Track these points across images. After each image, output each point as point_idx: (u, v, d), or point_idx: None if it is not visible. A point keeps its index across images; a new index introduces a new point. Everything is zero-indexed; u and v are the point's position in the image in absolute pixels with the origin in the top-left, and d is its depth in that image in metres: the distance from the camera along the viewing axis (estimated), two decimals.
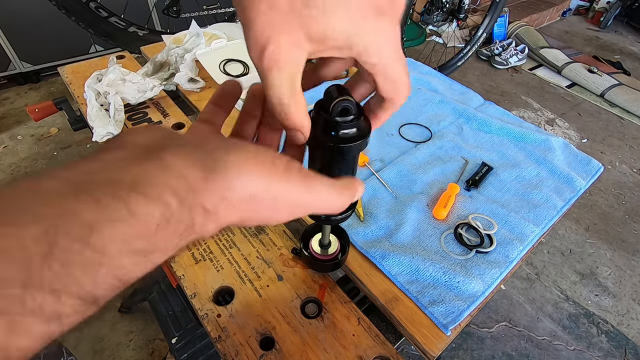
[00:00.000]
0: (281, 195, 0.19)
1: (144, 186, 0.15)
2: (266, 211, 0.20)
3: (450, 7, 1.86)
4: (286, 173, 0.19)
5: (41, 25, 1.80)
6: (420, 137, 0.75)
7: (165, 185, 0.16)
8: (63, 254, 0.13)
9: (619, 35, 3.07)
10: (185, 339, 0.86)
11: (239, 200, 0.18)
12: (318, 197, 0.21)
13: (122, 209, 0.14)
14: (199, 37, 0.83)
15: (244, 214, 0.19)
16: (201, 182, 0.17)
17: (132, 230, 0.15)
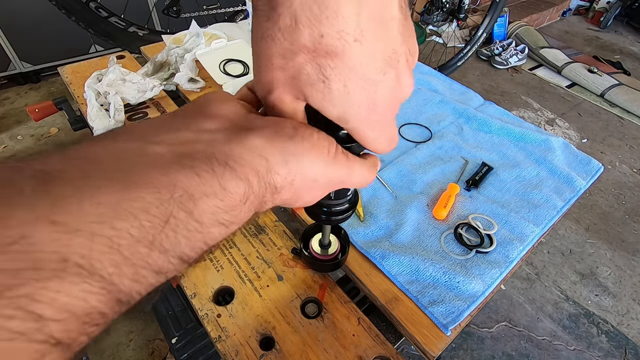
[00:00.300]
0: (333, 179, 0.22)
1: (234, 164, 0.17)
2: (316, 191, 0.22)
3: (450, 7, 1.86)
4: (336, 158, 0.22)
5: (41, 25, 1.80)
6: (420, 137, 0.75)
7: (250, 166, 0.18)
8: (175, 222, 0.15)
9: (619, 35, 3.07)
10: (185, 339, 0.86)
11: (303, 183, 0.20)
12: (357, 176, 0.24)
13: (216, 184, 0.16)
14: (199, 37, 0.84)
15: (298, 194, 0.21)
16: (279, 165, 0.19)
17: (220, 204, 0.17)
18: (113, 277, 0.13)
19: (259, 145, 0.18)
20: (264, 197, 0.19)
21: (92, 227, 0.13)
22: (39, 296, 0.12)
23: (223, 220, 0.17)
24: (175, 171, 0.16)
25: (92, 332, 0.13)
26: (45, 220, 0.12)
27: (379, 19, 0.18)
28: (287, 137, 0.20)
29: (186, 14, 1.55)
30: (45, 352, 0.12)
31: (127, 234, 0.14)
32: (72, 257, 0.12)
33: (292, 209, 0.60)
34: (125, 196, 0.14)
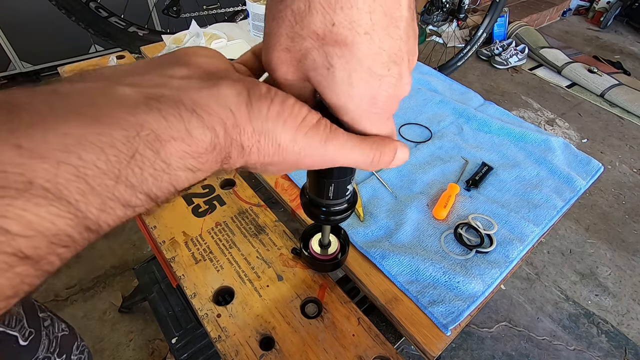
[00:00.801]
0: (305, 150, 0.21)
1: (201, 112, 0.17)
2: (290, 161, 0.22)
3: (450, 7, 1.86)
4: (313, 130, 0.21)
5: (41, 25, 1.80)
6: (420, 137, 0.75)
7: (218, 116, 0.18)
8: (141, 159, 0.16)
9: (619, 35, 3.07)
10: (185, 339, 0.86)
11: (269, 147, 0.20)
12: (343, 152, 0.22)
13: (183, 130, 0.17)
14: (199, 37, 0.84)
15: (269, 159, 0.21)
16: (245, 122, 0.19)
17: (187, 149, 0.17)
18: (80, 204, 0.14)
19: (227, 97, 0.19)
20: (229, 152, 0.19)
21: (58, 155, 0.13)
22: (5, 212, 0.12)
23: (190, 165, 0.18)
24: (143, 112, 0.16)
25: (62, 253, 0.14)
26: (9, 144, 0.13)
27: (390, 15, 0.19)
28: (258, 95, 0.20)
29: (186, 14, 1.55)
30: (14, 264, 0.13)
31: (94, 165, 0.14)
32: (37, 180, 0.13)
33: (292, 208, 0.60)
34: (93, 130, 0.14)
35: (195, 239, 0.54)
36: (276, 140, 0.20)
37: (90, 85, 0.17)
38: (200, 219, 0.57)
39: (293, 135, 0.20)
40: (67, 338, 0.52)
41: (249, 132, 0.19)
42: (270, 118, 0.20)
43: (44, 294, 1.21)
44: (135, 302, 1.14)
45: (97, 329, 1.14)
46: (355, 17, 0.18)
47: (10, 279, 0.13)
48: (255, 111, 0.19)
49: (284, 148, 0.21)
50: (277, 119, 0.20)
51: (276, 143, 0.20)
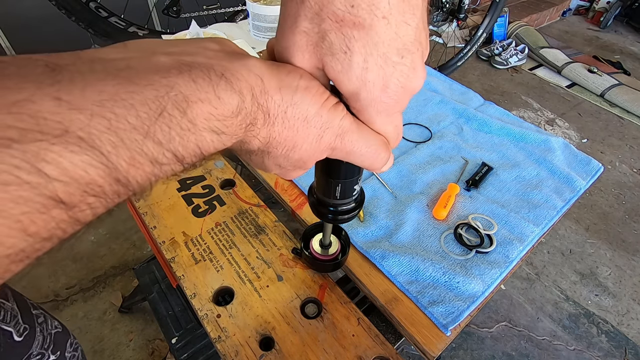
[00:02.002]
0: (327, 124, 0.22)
1: (230, 77, 0.19)
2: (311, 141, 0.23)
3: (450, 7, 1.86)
4: (335, 107, 0.22)
5: (41, 25, 1.80)
6: (420, 137, 0.75)
7: (246, 81, 0.19)
8: (169, 117, 0.16)
9: (619, 35, 3.07)
10: (185, 339, 0.86)
11: (295, 119, 0.21)
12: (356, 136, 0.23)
13: (211, 92, 0.18)
14: (199, 37, 0.83)
15: (292, 135, 0.22)
16: (274, 90, 0.20)
17: (214, 111, 0.18)
18: (111, 155, 0.15)
19: (257, 66, 0.20)
20: (256, 118, 0.20)
21: (94, 108, 0.14)
22: (45, 156, 0.13)
23: (215, 127, 0.18)
24: (174, 75, 0.17)
25: (92, 203, 0.15)
26: (50, 96, 0.14)
27: (408, 2, 0.19)
28: (286, 71, 0.21)
29: (186, 14, 1.55)
30: (50, 206, 0.14)
31: (125, 120, 0.15)
32: (73, 129, 0.14)
33: (292, 209, 0.60)
34: (127, 89, 0.16)
35: (195, 239, 0.54)
36: (303, 112, 0.21)
37: (129, 53, 0.18)
38: (200, 219, 0.57)
39: (319, 109, 0.21)
40: (60, 335, 0.52)
41: (277, 100, 0.20)
42: (299, 90, 0.21)
43: (44, 293, 1.21)
44: (135, 302, 1.14)
45: (97, 329, 1.14)
46: (375, 0, 0.18)
47: (46, 220, 0.14)
48: (286, 82, 0.20)
49: (309, 121, 0.22)
50: (305, 92, 0.21)
51: (303, 115, 0.21)
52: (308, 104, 0.21)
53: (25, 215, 0.13)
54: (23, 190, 0.13)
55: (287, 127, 0.21)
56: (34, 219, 0.13)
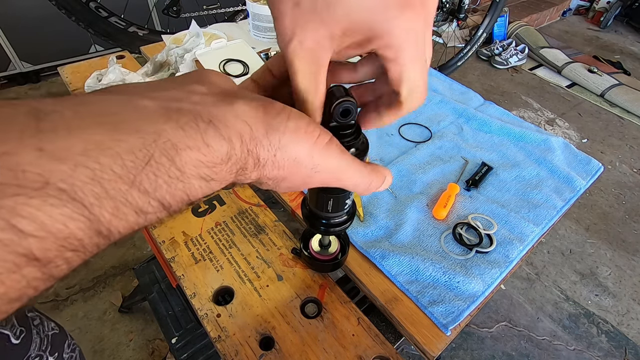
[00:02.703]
0: (320, 166, 0.22)
1: (218, 124, 0.18)
2: (302, 177, 0.23)
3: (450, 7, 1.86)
4: (327, 147, 0.22)
5: (41, 25, 1.80)
6: (420, 137, 0.75)
7: (235, 129, 0.19)
8: (156, 166, 0.16)
9: (619, 35, 3.07)
10: (185, 339, 0.86)
11: (284, 160, 0.21)
12: (352, 174, 0.24)
13: (199, 139, 0.17)
14: (199, 37, 0.84)
15: (283, 173, 0.22)
16: (262, 135, 0.20)
17: (202, 158, 0.18)
18: (94, 207, 0.14)
19: (244, 111, 0.19)
20: (246, 164, 0.20)
21: (77, 158, 0.14)
22: (21, 211, 0.12)
23: (204, 174, 0.18)
24: (162, 122, 0.17)
25: (70, 257, 0.14)
26: (32, 146, 0.13)
27: None
28: (274, 113, 0.20)
29: (186, 14, 1.55)
30: (22, 264, 0.13)
31: (110, 169, 0.15)
32: (54, 181, 0.13)
33: (292, 208, 0.60)
34: (112, 137, 0.15)
35: (195, 239, 0.54)
36: (292, 154, 0.21)
37: (114, 97, 0.17)
38: (200, 218, 0.57)
39: (309, 150, 0.21)
40: (58, 336, 0.52)
41: (266, 145, 0.20)
42: (287, 132, 0.20)
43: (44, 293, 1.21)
44: (135, 302, 1.14)
45: (97, 329, 1.14)
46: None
47: (16, 280, 0.13)
48: (274, 125, 0.20)
49: (300, 162, 0.21)
50: (294, 134, 0.21)
51: (292, 157, 0.21)
52: (297, 146, 0.21)
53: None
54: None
55: (277, 168, 0.21)
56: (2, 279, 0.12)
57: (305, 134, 0.21)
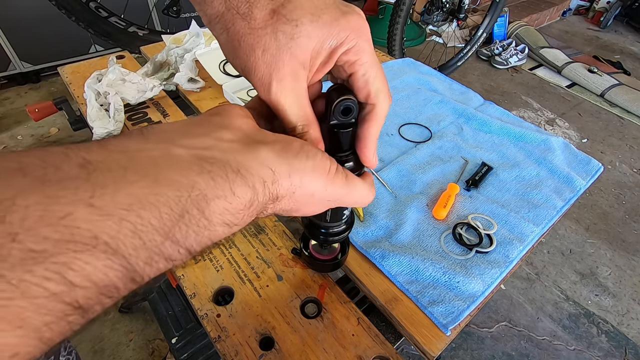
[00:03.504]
0: (331, 196, 0.24)
1: (245, 173, 0.19)
2: (314, 206, 0.25)
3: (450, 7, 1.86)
4: (336, 177, 0.24)
5: (41, 25, 1.80)
6: (420, 137, 0.75)
7: (259, 175, 0.20)
8: (188, 217, 0.17)
9: (619, 35, 3.07)
10: (185, 339, 0.86)
11: (302, 196, 0.23)
12: (355, 195, 0.26)
13: (227, 189, 0.18)
14: (199, 37, 0.83)
15: (298, 205, 0.23)
16: (283, 177, 0.21)
17: (228, 206, 0.18)
18: (132, 258, 0.15)
19: (268, 158, 0.21)
20: (266, 204, 0.21)
21: (122, 213, 0.15)
22: (73, 265, 0.14)
23: (228, 221, 0.19)
24: (195, 174, 0.18)
25: (106, 302, 0.15)
26: (85, 203, 0.14)
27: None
28: (294, 153, 0.22)
29: (186, 14, 1.55)
30: (69, 313, 0.14)
31: (149, 223, 0.16)
32: (102, 236, 0.14)
33: None
34: (152, 191, 0.16)
35: None
36: (310, 190, 0.23)
37: (152, 146, 0.18)
38: None
39: (324, 185, 0.23)
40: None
41: (286, 185, 0.21)
42: (307, 172, 0.22)
43: None
44: (135, 302, 1.14)
45: (97, 329, 1.14)
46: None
47: (62, 326, 0.14)
48: (295, 166, 0.22)
49: (316, 196, 0.23)
50: (312, 172, 0.22)
51: (310, 192, 0.23)
52: (315, 183, 0.23)
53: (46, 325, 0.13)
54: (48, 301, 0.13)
55: (294, 202, 0.23)
56: (52, 326, 0.13)
57: (322, 170, 0.23)
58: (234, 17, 0.22)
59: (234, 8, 0.22)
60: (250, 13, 0.22)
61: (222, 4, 0.23)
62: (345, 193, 0.25)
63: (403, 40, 1.83)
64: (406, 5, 1.70)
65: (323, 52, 0.24)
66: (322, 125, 0.28)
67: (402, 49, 1.85)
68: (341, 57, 0.24)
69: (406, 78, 0.90)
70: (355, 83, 0.26)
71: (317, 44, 0.23)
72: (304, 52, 0.23)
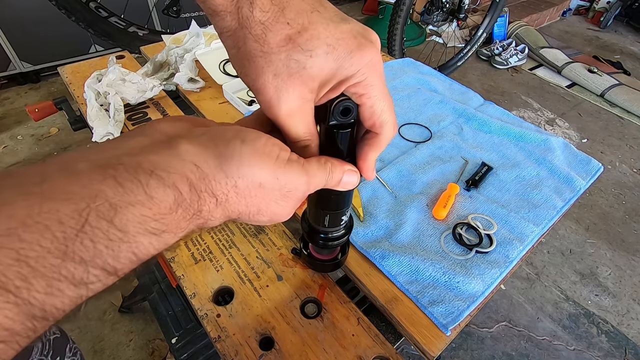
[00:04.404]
0: (286, 185, 0.22)
1: (161, 172, 0.17)
2: (272, 203, 0.22)
3: (450, 7, 1.86)
4: (289, 164, 0.22)
5: (41, 25, 1.80)
6: (420, 137, 0.75)
7: (179, 173, 0.18)
8: (92, 231, 0.15)
9: (619, 35, 3.06)
10: (185, 339, 0.86)
11: (249, 189, 0.20)
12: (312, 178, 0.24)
13: (141, 193, 0.16)
14: (199, 37, 0.83)
15: (252, 202, 0.21)
16: (215, 170, 0.19)
17: (148, 212, 0.16)
18: (21, 290, 0.13)
19: (189, 152, 0.19)
20: (200, 207, 0.19)
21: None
22: None
23: (152, 229, 0.17)
24: (98, 182, 0.16)
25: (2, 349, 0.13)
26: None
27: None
28: (225, 141, 0.20)
29: (186, 14, 1.55)
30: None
31: (37, 245, 0.14)
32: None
33: None
34: (38, 209, 0.14)
35: (195, 239, 0.54)
36: (256, 180, 0.20)
37: (47, 165, 0.16)
38: None
39: (272, 172, 0.21)
40: (59, 340, 0.52)
41: (221, 179, 0.19)
42: (244, 160, 0.20)
43: None
44: (135, 302, 1.14)
45: (97, 329, 1.14)
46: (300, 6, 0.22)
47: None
48: (227, 155, 0.19)
49: (266, 186, 0.21)
50: (251, 158, 0.20)
51: (256, 183, 0.20)
52: (259, 170, 0.20)
53: None
54: None
55: (244, 198, 0.21)
56: None
57: (266, 156, 0.21)
58: (246, 36, 0.21)
59: (247, 28, 0.21)
60: (264, 36, 0.21)
61: (235, 21, 0.21)
62: (304, 182, 0.23)
63: (403, 40, 1.83)
64: (406, 5, 1.70)
65: (332, 82, 0.23)
66: (321, 125, 0.28)
67: (402, 49, 1.85)
68: (349, 88, 0.24)
69: (406, 78, 0.90)
70: (362, 112, 0.26)
71: (327, 75, 0.22)
72: (314, 81, 0.22)
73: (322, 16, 0.22)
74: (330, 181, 0.26)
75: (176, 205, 0.18)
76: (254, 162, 0.20)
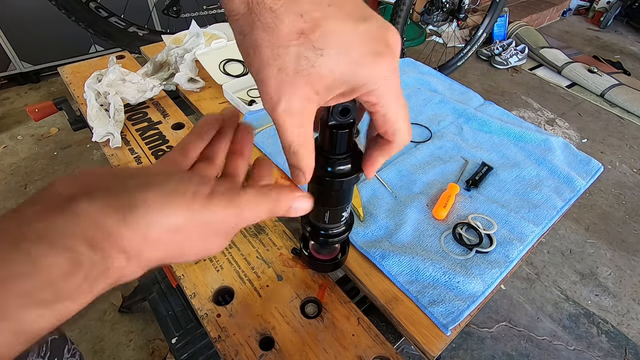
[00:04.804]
0: (208, 223, 0.20)
1: (51, 237, 0.16)
2: (197, 242, 0.20)
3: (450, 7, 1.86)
4: (209, 199, 0.20)
5: (41, 25, 1.80)
6: (420, 137, 0.75)
7: (74, 235, 0.16)
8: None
9: (619, 35, 3.06)
10: (185, 339, 0.86)
11: (163, 236, 0.19)
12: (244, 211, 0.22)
13: (25, 262, 0.15)
14: (199, 37, 0.83)
15: (171, 248, 0.19)
16: (119, 226, 0.17)
17: (34, 282, 0.15)
18: None
19: (87, 210, 0.17)
20: (108, 265, 0.17)
21: None
22: None
23: (42, 299, 0.15)
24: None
25: None
26: None
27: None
28: (128, 192, 0.18)
29: (186, 14, 1.55)
30: None
31: None
32: None
33: None
34: None
35: None
36: (170, 225, 0.19)
37: None
38: None
39: (188, 211, 0.19)
40: (57, 342, 0.52)
41: (126, 233, 0.18)
42: (150, 206, 0.18)
43: None
44: (135, 302, 1.14)
45: (97, 329, 1.14)
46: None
47: None
48: (132, 208, 0.18)
49: (184, 228, 0.19)
50: (160, 203, 0.18)
51: (171, 228, 0.19)
52: (171, 216, 0.19)
53: None
54: None
55: (160, 245, 0.19)
56: None
57: (175, 196, 0.19)
58: (254, 23, 0.20)
59: (256, 14, 0.19)
60: (275, 26, 0.19)
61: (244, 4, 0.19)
62: (233, 214, 0.21)
63: (403, 40, 1.83)
64: (406, 5, 1.70)
65: (342, 87, 0.21)
66: (320, 125, 0.28)
67: (402, 49, 1.86)
68: (361, 96, 0.22)
69: (406, 78, 0.90)
70: (375, 120, 0.24)
71: (337, 78, 0.21)
72: (321, 82, 0.21)
73: (340, 11, 0.20)
74: (275, 210, 0.24)
75: (72, 268, 0.16)
76: (164, 206, 0.18)
